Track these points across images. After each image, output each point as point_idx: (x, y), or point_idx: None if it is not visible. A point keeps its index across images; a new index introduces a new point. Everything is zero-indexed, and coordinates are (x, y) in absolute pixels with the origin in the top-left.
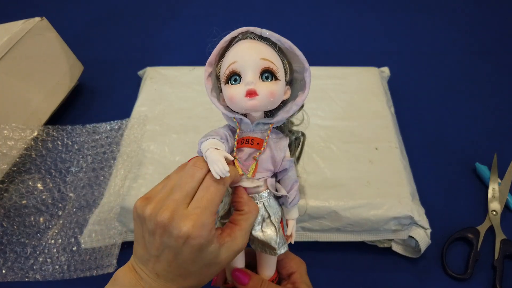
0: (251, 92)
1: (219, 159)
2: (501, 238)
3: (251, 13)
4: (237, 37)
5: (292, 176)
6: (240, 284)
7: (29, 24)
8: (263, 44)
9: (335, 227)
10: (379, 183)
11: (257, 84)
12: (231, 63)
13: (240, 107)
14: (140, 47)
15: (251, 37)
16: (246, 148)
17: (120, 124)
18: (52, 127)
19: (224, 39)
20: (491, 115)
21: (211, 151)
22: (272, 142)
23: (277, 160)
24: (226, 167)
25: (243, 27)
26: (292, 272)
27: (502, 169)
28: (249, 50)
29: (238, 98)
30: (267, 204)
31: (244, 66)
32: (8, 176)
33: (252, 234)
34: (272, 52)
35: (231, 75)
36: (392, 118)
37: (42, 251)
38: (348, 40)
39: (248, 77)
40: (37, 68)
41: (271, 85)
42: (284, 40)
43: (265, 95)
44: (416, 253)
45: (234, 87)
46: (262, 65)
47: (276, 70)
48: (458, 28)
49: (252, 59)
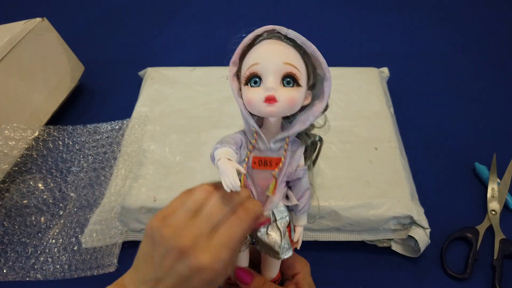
0: (271, 98)
1: (231, 171)
2: (500, 238)
3: (251, 13)
4: (261, 36)
5: (305, 184)
6: (243, 283)
7: (30, 25)
8: (288, 45)
9: (335, 227)
10: (378, 183)
11: (277, 90)
12: (253, 65)
13: (258, 111)
14: (141, 48)
15: (276, 37)
16: None
17: (120, 124)
18: (53, 127)
19: (248, 37)
20: (491, 115)
21: (223, 162)
22: (289, 154)
23: (292, 170)
24: (238, 182)
25: (269, 25)
26: (296, 273)
27: (501, 169)
28: (273, 52)
29: (257, 103)
30: (275, 208)
31: (265, 69)
32: (9, 176)
33: (257, 235)
34: (296, 56)
35: (251, 76)
36: (392, 118)
37: (43, 250)
38: (348, 40)
39: (268, 82)
40: (38, 69)
41: (291, 91)
42: (310, 44)
43: (285, 102)
44: (415, 252)
45: (254, 90)
46: (285, 69)
47: (298, 76)
48: (458, 28)
49: (274, 62)
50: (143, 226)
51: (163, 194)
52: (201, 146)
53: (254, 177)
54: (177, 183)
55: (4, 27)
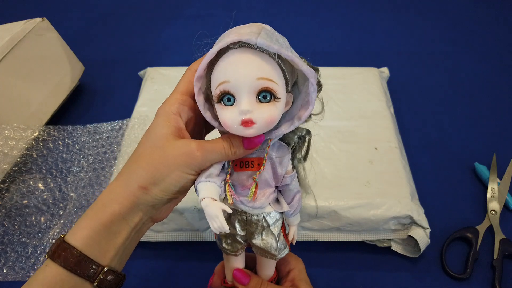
0: (247, 121)
1: (217, 215)
2: (500, 238)
3: (251, 13)
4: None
5: (294, 188)
6: (240, 284)
7: (30, 25)
8: (260, 55)
9: (335, 227)
10: (379, 183)
11: (253, 112)
12: (222, 82)
13: (235, 133)
14: (141, 48)
15: (246, 45)
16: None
17: (120, 124)
18: (53, 127)
19: (211, 52)
20: (491, 115)
21: (208, 204)
22: (274, 157)
23: (279, 176)
24: (225, 225)
25: (234, 34)
26: (290, 269)
27: (501, 169)
28: (243, 68)
29: (233, 126)
30: (267, 215)
31: (237, 87)
32: (9, 176)
33: (252, 241)
34: (271, 66)
35: (223, 95)
36: (392, 118)
37: (43, 250)
38: (348, 40)
39: (242, 104)
40: (38, 68)
41: (269, 108)
42: (285, 52)
43: (264, 122)
44: (415, 252)
45: (228, 110)
46: (259, 85)
47: (276, 90)
48: (458, 28)
49: (246, 79)
50: None
51: None
52: None
53: (237, 180)
54: None
55: (4, 27)
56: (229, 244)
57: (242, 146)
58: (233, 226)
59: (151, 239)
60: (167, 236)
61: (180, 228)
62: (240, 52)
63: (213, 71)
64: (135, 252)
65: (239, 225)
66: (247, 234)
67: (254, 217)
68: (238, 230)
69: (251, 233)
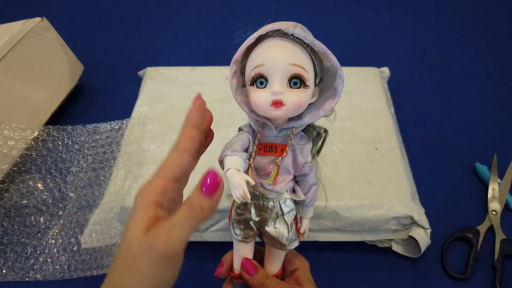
0: (277, 102)
1: (241, 184)
2: (501, 238)
3: (251, 13)
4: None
5: (311, 180)
6: (247, 275)
7: (29, 24)
8: (294, 45)
9: (335, 227)
10: (379, 183)
11: (284, 94)
12: (258, 66)
13: (265, 113)
14: (141, 47)
15: (281, 35)
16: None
17: (120, 124)
18: (53, 127)
19: (252, 36)
20: (491, 115)
21: (233, 173)
22: (296, 146)
23: (299, 165)
24: (248, 195)
25: (274, 24)
26: (295, 269)
27: (502, 169)
28: (278, 53)
29: (264, 106)
30: (283, 202)
31: (271, 71)
32: (9, 176)
33: (265, 229)
34: (304, 55)
35: (257, 78)
36: (392, 118)
37: (42, 251)
38: (348, 40)
39: (275, 85)
40: (37, 68)
41: (299, 93)
42: (319, 45)
43: (292, 106)
44: (416, 253)
45: (260, 92)
46: (292, 71)
47: (306, 77)
48: (458, 28)
49: (280, 64)
50: None
51: None
52: None
53: (259, 164)
54: None
55: (4, 26)
56: (242, 229)
57: (202, 197)
58: (249, 211)
59: None
60: None
61: None
62: (277, 39)
63: (250, 56)
64: None
65: (255, 210)
66: (261, 221)
67: (270, 203)
68: (253, 215)
69: (265, 220)
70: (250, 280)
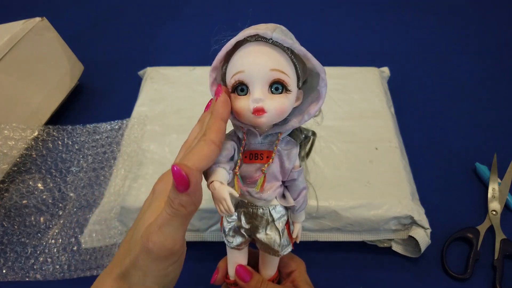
0: (259, 110)
1: (225, 198)
2: (501, 238)
3: (251, 13)
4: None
5: (300, 184)
6: (242, 281)
7: (29, 24)
8: (274, 49)
9: (335, 227)
10: (379, 183)
11: (265, 101)
12: (237, 72)
13: (247, 121)
14: (141, 47)
15: (260, 39)
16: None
17: (120, 124)
18: (53, 127)
19: (230, 43)
20: (492, 115)
21: (216, 187)
22: (283, 152)
23: (287, 170)
24: (232, 209)
25: (251, 29)
26: (291, 271)
27: (502, 169)
28: (257, 59)
29: (245, 114)
30: (272, 209)
31: (251, 77)
32: (9, 176)
33: (256, 236)
34: (284, 59)
35: (237, 85)
36: (392, 118)
37: (42, 250)
38: (348, 40)
39: (255, 93)
40: (37, 68)
41: (280, 99)
42: (299, 48)
43: (275, 112)
44: (416, 253)
45: (241, 99)
46: (272, 76)
47: (287, 82)
48: (459, 28)
49: (260, 70)
50: None
51: None
52: None
53: (245, 172)
54: None
55: (3, 26)
56: (233, 237)
57: (178, 193)
58: (239, 218)
59: None
60: None
61: None
62: (256, 44)
63: (229, 62)
64: None
65: (245, 218)
66: (251, 228)
67: (259, 210)
68: (243, 223)
69: (255, 227)
70: (245, 286)
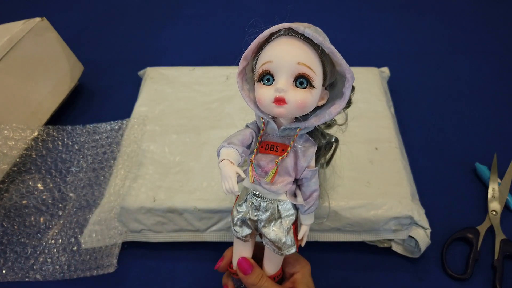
0: (279, 100)
1: (231, 176)
2: (501, 238)
3: (251, 13)
4: (277, 32)
5: (313, 185)
6: (242, 273)
7: (29, 25)
8: (304, 44)
9: (335, 227)
10: (379, 183)
11: (287, 92)
12: (266, 62)
13: (267, 110)
14: (140, 47)
15: (292, 34)
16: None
17: (120, 124)
18: (53, 127)
19: (263, 34)
20: (492, 115)
21: (225, 165)
22: (299, 148)
23: (300, 168)
24: (236, 187)
25: (285, 24)
26: (294, 272)
27: (502, 169)
28: (287, 51)
29: (266, 102)
30: (281, 205)
31: (278, 68)
32: (9, 176)
33: (262, 230)
34: (313, 55)
35: (264, 74)
36: (392, 118)
37: (42, 251)
38: (348, 40)
39: (279, 83)
40: (37, 68)
41: (303, 93)
42: (328, 45)
43: (294, 105)
44: (416, 253)
45: (265, 88)
46: (298, 70)
47: (312, 78)
48: (458, 28)
49: (288, 62)
50: (142, 227)
51: (162, 194)
52: (200, 146)
53: (260, 162)
54: (176, 183)
55: (3, 26)
56: (240, 227)
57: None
58: (247, 210)
59: (151, 239)
60: (167, 236)
61: (180, 228)
62: (287, 38)
63: (260, 54)
64: (135, 252)
65: (252, 210)
66: (258, 221)
67: (268, 204)
68: (250, 214)
69: (262, 220)
70: (245, 279)
